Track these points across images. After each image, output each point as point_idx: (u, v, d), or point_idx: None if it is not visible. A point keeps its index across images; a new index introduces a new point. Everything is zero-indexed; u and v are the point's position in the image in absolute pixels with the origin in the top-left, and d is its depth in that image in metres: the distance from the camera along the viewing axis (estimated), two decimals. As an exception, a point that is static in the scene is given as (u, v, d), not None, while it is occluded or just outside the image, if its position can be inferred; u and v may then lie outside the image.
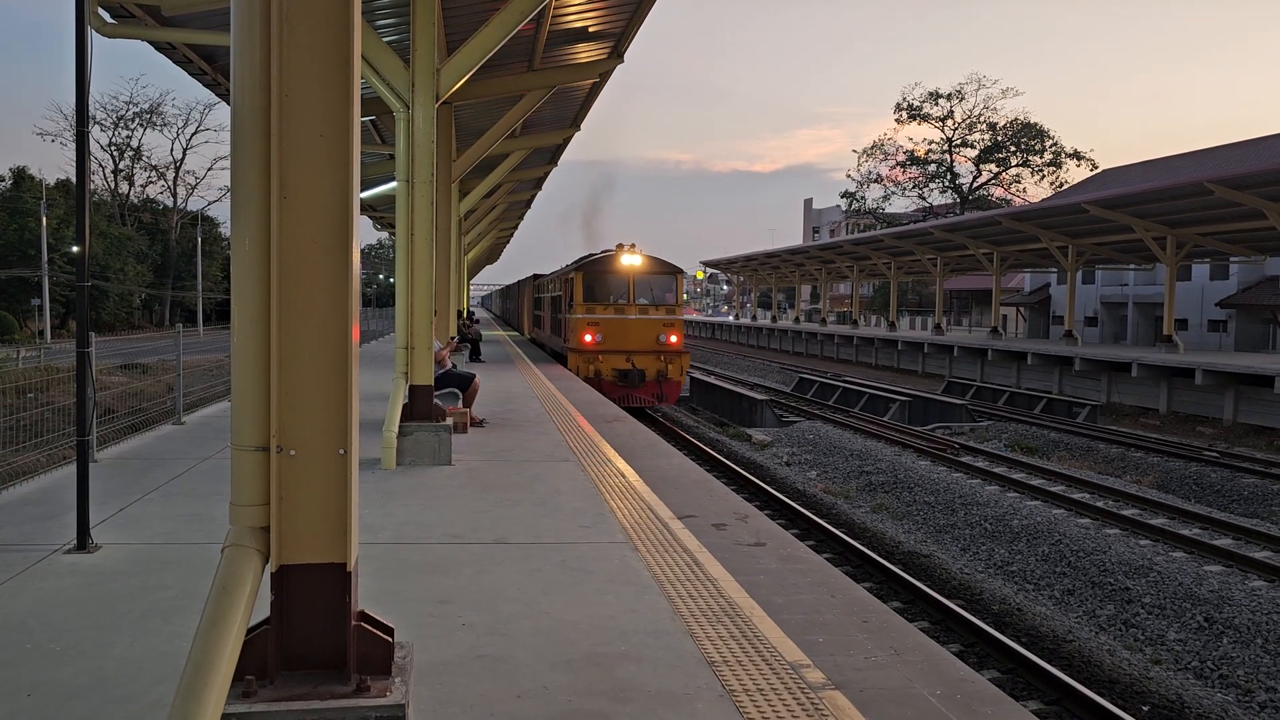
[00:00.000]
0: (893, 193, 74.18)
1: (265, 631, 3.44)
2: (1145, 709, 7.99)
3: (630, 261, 24.26)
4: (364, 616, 3.61)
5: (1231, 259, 38.20)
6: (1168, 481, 18.17)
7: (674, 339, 23.99)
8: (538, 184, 34.40)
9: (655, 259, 24.63)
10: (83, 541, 6.52)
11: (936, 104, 70.60)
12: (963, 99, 71.37)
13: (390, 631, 3.64)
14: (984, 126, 69.76)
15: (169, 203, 77.58)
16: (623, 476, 9.55)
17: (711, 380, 31.15)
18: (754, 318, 79.34)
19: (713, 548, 6.89)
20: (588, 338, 23.60)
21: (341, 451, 3.49)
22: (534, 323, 39.39)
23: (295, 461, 3.45)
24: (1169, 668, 8.92)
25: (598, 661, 4.72)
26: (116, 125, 72.97)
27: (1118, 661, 8.96)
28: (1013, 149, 69.32)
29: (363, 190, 25.50)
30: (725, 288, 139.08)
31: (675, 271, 24.83)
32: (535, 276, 40.09)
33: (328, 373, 3.47)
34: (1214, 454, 20.96)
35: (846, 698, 4.34)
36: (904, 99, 72.75)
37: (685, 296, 25.50)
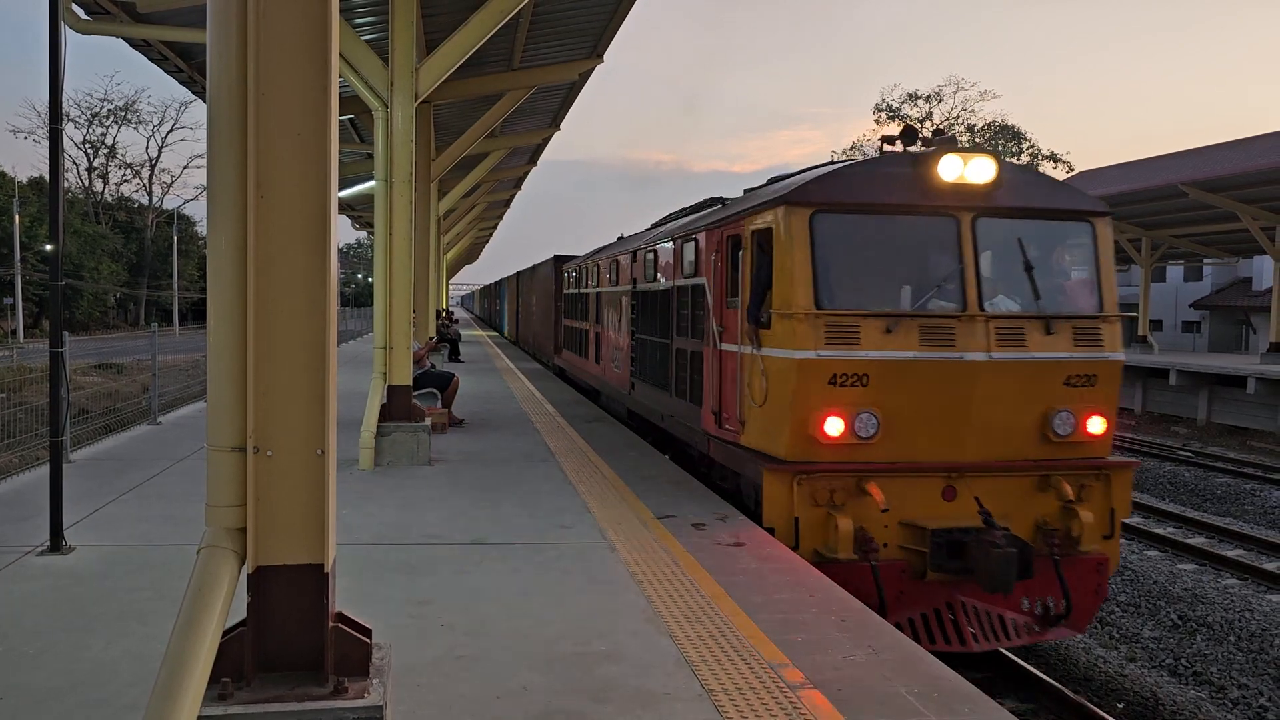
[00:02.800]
0: (871, 193, 74.42)
1: (242, 633, 3.42)
2: (1120, 706, 8.06)
3: (967, 174, 7.87)
4: (341, 618, 3.60)
5: (1205, 261, 38.64)
6: (1142, 481, 18.35)
7: (1099, 423, 7.90)
8: (517, 183, 34.39)
9: (1032, 175, 8.95)
10: (56, 543, 6.46)
11: (915, 105, 71.07)
12: (941, 101, 71.87)
13: (368, 632, 3.63)
14: (962, 128, 70.25)
15: (144, 201, 76.96)
16: (602, 476, 9.54)
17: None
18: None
19: (692, 548, 6.90)
20: (835, 426, 7.45)
21: (319, 452, 3.47)
22: (564, 342, 21.62)
23: (272, 462, 3.43)
24: (1143, 665, 9.00)
25: (577, 661, 4.71)
26: (91, 122, 72.43)
27: (1093, 659, 9.03)
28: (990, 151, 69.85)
29: (341, 189, 25.33)
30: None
31: (1093, 213, 8.30)
32: (559, 260, 23.06)
33: (305, 372, 3.45)
34: (1188, 453, 21.18)
35: (825, 696, 4.36)
36: (883, 100, 73.23)
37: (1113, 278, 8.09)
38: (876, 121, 74.52)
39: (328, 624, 3.47)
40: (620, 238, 17.17)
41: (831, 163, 9.52)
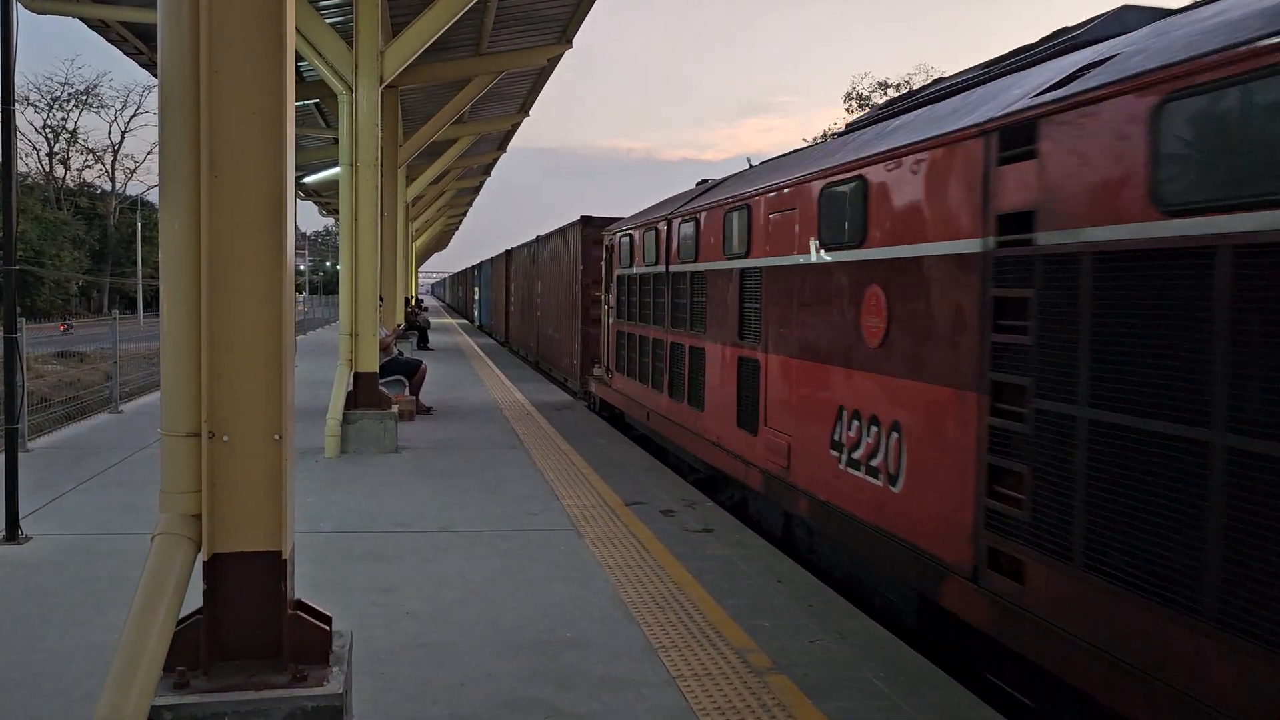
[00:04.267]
0: (842, 182, 74.58)
1: (198, 621, 3.35)
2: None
3: None
4: (300, 605, 3.54)
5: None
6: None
7: None
8: (487, 170, 34.18)
9: None
10: (12, 533, 6.34)
11: (885, 93, 71.29)
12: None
13: (328, 620, 3.57)
14: (931, 117, 70.57)
15: (107, 187, 75.66)
16: (570, 463, 9.50)
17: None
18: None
19: (660, 534, 6.88)
20: None
21: (276, 437, 3.40)
22: (620, 361, 12.08)
23: (228, 447, 3.36)
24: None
25: (543, 649, 4.68)
26: (51, 107, 70.92)
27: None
28: (959, 139, 70.11)
29: (307, 174, 24.98)
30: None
31: None
32: (589, 225, 15.71)
33: (261, 356, 3.38)
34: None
35: (792, 681, 4.35)
36: (853, 88, 73.41)
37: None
38: (847, 110, 74.81)
39: (285, 611, 3.41)
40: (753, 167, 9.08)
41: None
